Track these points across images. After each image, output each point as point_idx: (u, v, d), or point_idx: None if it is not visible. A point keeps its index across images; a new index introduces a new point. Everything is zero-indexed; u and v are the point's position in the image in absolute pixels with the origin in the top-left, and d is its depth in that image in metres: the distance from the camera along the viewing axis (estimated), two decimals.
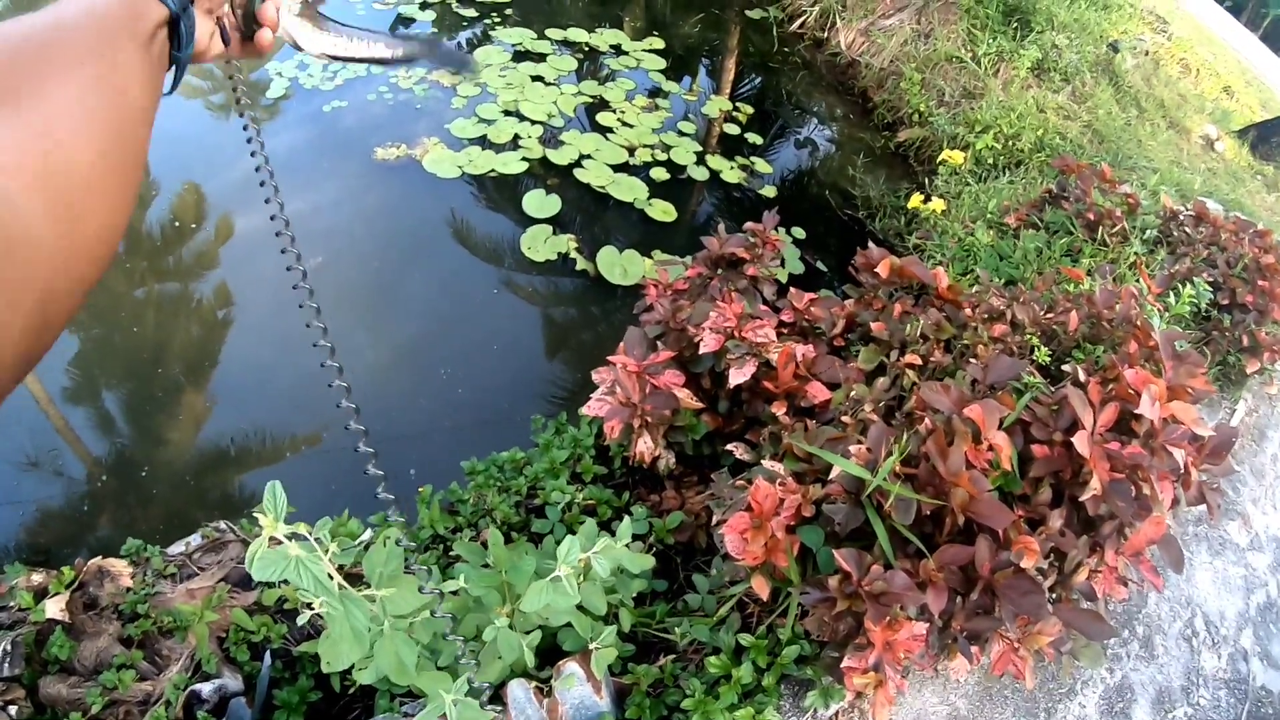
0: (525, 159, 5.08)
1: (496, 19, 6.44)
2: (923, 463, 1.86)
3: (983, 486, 1.78)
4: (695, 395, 2.42)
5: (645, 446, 2.35)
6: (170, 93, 0.77)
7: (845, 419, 2.13)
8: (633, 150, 5.43)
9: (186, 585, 2.27)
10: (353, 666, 1.54)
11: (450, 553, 2.41)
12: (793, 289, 2.65)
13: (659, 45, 6.66)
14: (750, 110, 6.31)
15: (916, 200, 4.71)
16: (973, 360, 2.29)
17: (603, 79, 6.11)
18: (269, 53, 0.92)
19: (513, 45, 6.14)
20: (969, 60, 6.40)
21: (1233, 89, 7.84)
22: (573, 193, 4.99)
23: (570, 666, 1.89)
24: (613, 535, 1.87)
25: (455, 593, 1.86)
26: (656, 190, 5.18)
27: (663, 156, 5.47)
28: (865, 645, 1.77)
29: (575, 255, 4.57)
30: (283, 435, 3.52)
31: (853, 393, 2.21)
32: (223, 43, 0.85)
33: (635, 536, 2.37)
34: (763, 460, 2.09)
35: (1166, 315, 2.96)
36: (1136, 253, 3.55)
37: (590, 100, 5.81)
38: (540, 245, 4.57)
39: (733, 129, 6.05)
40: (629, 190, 5.08)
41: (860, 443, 1.95)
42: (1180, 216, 3.84)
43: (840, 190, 5.81)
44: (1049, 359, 2.41)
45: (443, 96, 5.51)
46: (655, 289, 2.74)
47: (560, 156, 5.18)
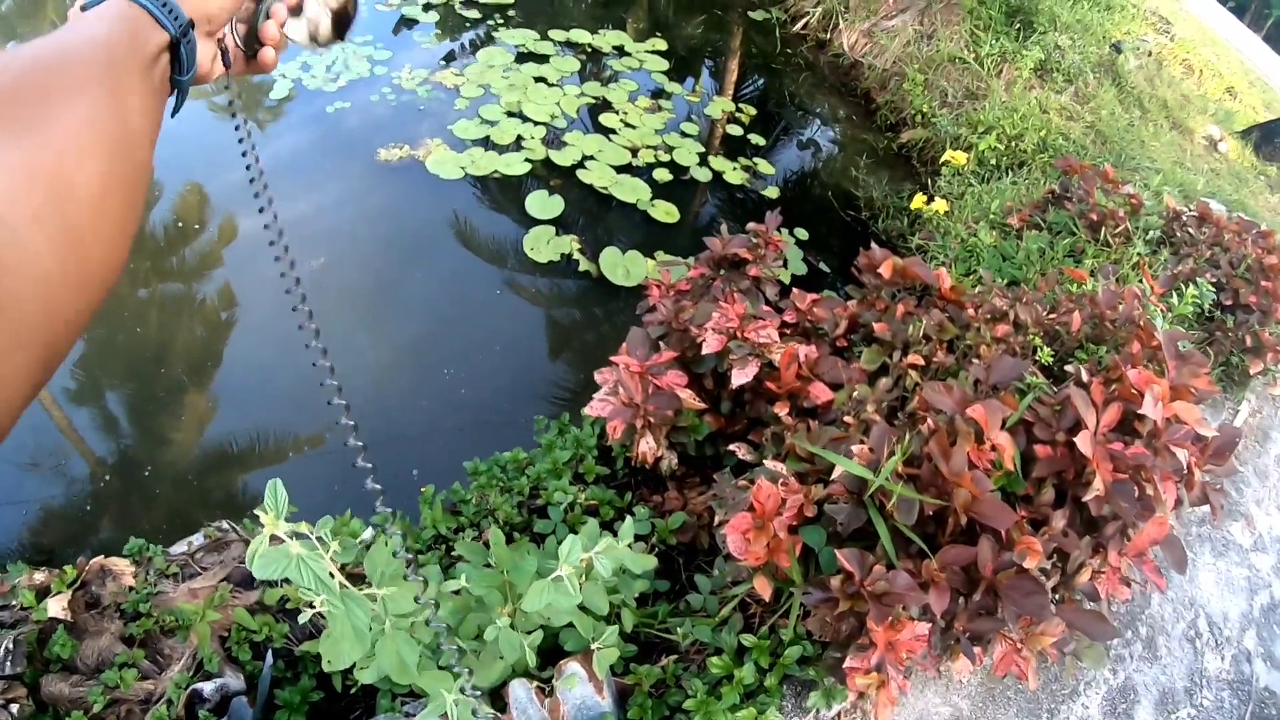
0: (528, 160, 5.08)
1: (500, 20, 6.44)
2: (925, 463, 1.86)
3: (985, 487, 1.78)
4: (698, 396, 2.42)
5: (648, 447, 2.35)
6: (174, 116, 0.77)
7: (848, 419, 2.13)
8: (635, 151, 5.43)
9: (189, 584, 2.27)
10: (354, 666, 1.54)
11: (452, 552, 2.41)
12: (795, 290, 2.65)
13: (662, 46, 6.66)
14: (753, 111, 6.30)
15: (919, 201, 4.70)
16: (975, 361, 2.29)
17: (605, 80, 6.11)
18: (271, 70, 0.93)
19: (516, 46, 6.15)
20: (972, 61, 6.39)
21: (1236, 90, 7.83)
22: (575, 194, 4.99)
23: (572, 666, 1.89)
24: (615, 536, 1.87)
25: (457, 592, 1.86)
26: (659, 191, 5.17)
27: (665, 158, 5.47)
28: (868, 646, 1.77)
29: (578, 256, 4.57)
30: (285, 436, 3.53)
31: (855, 393, 2.21)
32: (224, 65, 0.85)
33: (637, 537, 2.37)
34: (765, 460, 2.08)
35: (1169, 316, 2.96)
36: (1139, 253, 3.55)
37: (593, 101, 5.82)
38: (543, 246, 4.57)
39: (735, 130, 6.05)
40: (632, 191, 5.08)
41: (863, 443, 1.95)
42: (1183, 217, 3.84)
43: (843, 191, 5.81)
44: (1052, 359, 2.40)
45: (446, 98, 5.51)
46: (658, 289, 2.74)
47: (563, 157, 5.18)
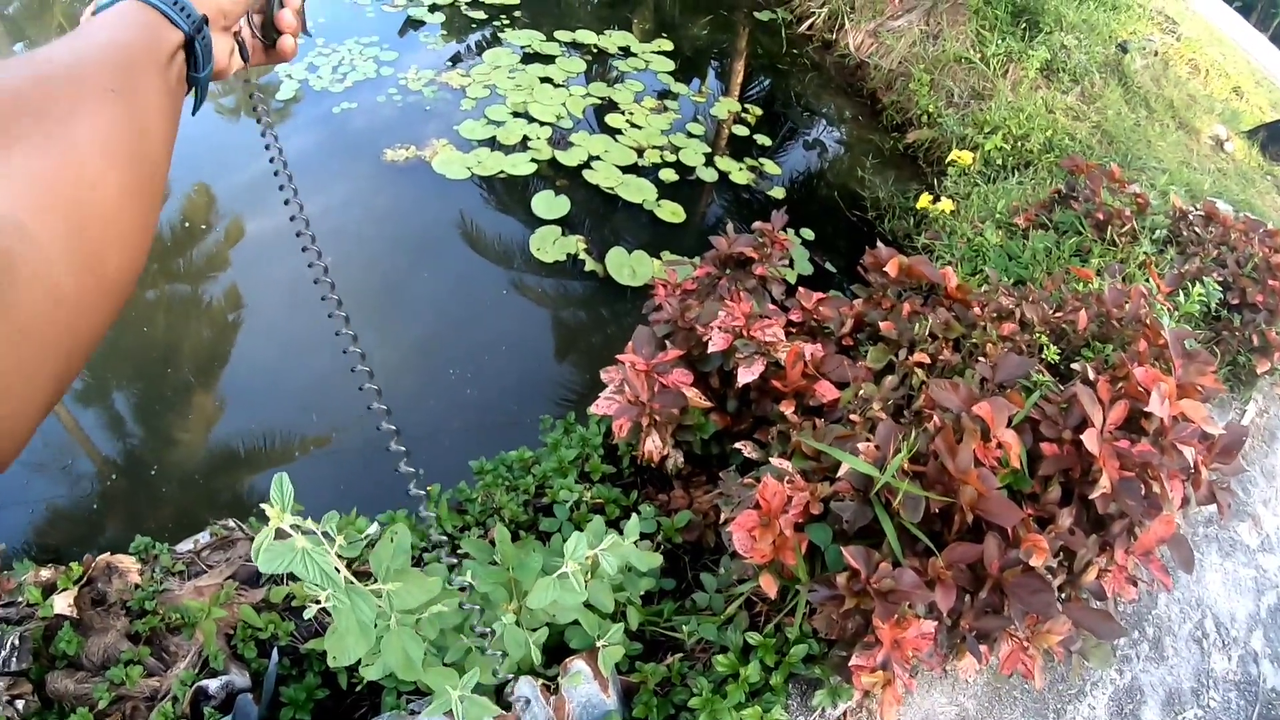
0: (534, 160, 5.09)
1: (505, 21, 6.46)
2: (931, 460, 1.86)
3: (991, 484, 1.78)
4: (704, 394, 2.42)
5: (653, 445, 2.35)
6: (194, 113, 0.75)
7: (854, 417, 2.12)
8: (641, 152, 5.44)
9: (195, 582, 2.28)
10: (359, 663, 1.54)
11: (458, 550, 2.41)
12: (801, 289, 2.65)
13: (668, 47, 6.67)
14: (759, 112, 6.31)
15: (925, 201, 4.69)
16: (981, 359, 2.28)
17: (611, 81, 6.12)
18: (291, 58, 0.91)
19: (522, 47, 6.16)
20: (978, 61, 6.38)
21: (1242, 89, 7.79)
22: (581, 194, 5.00)
23: (577, 664, 1.89)
24: (621, 534, 1.87)
25: (462, 589, 1.86)
26: (665, 191, 5.18)
27: (671, 158, 5.47)
28: (873, 643, 1.77)
29: (584, 256, 4.57)
30: (292, 436, 3.53)
31: (861, 391, 2.20)
32: (242, 59, 0.83)
33: (643, 535, 2.37)
34: (771, 458, 2.08)
35: (1176, 314, 2.95)
36: (1146, 252, 3.53)
37: (599, 102, 5.83)
38: (549, 246, 4.58)
39: (741, 130, 6.05)
40: (638, 191, 5.08)
41: (868, 440, 1.95)
42: (1190, 216, 3.82)
43: (849, 191, 5.80)
44: (1058, 357, 2.40)
45: (452, 98, 5.52)
46: (664, 288, 2.74)
47: (569, 158, 5.19)
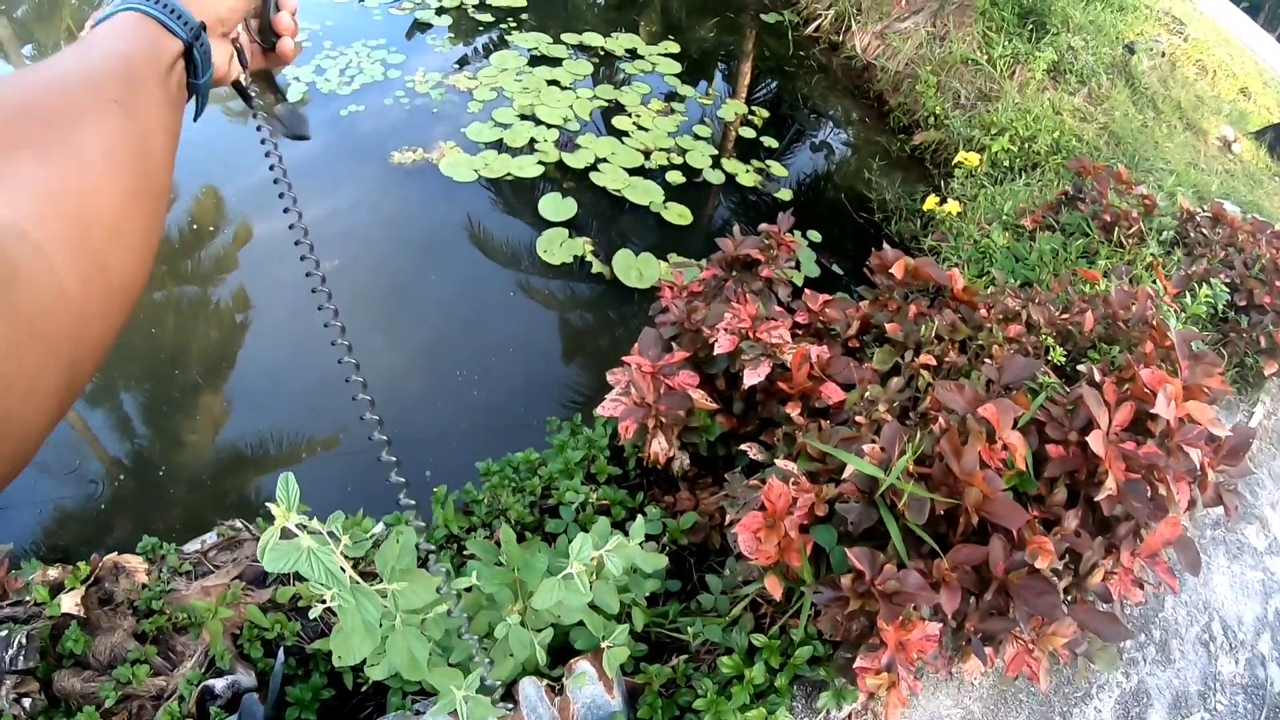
0: (541, 163, 5.10)
1: (512, 24, 6.47)
2: (937, 462, 1.85)
3: (997, 486, 1.78)
4: (710, 396, 2.42)
5: (660, 447, 2.35)
6: (195, 120, 0.76)
7: (859, 419, 2.12)
8: (648, 154, 5.44)
9: (201, 582, 2.29)
10: (364, 663, 1.54)
11: (464, 551, 2.42)
12: (807, 290, 2.65)
13: (674, 49, 6.67)
14: (766, 114, 6.30)
15: (932, 203, 4.69)
16: (988, 360, 2.28)
17: (618, 83, 6.13)
18: (292, 61, 0.91)
19: (529, 50, 6.17)
20: (984, 63, 6.37)
21: (1250, 90, 7.75)
22: (588, 196, 5.00)
23: (582, 665, 1.89)
24: (626, 535, 1.87)
25: (468, 590, 1.87)
26: (672, 194, 5.18)
27: (678, 160, 5.47)
28: (878, 645, 1.76)
29: (591, 258, 4.58)
30: (299, 438, 3.55)
31: (867, 393, 2.20)
32: (241, 64, 0.84)
33: (649, 537, 2.37)
34: (776, 460, 2.08)
35: (1183, 316, 2.94)
36: (1153, 254, 3.52)
37: (606, 104, 5.83)
38: (556, 248, 4.59)
39: (748, 133, 6.05)
40: (645, 193, 5.09)
41: (874, 442, 1.95)
42: (1197, 218, 3.81)
43: (856, 193, 5.80)
44: (1064, 359, 2.39)
45: (459, 101, 5.54)
46: (670, 290, 2.74)
47: (576, 160, 5.19)
